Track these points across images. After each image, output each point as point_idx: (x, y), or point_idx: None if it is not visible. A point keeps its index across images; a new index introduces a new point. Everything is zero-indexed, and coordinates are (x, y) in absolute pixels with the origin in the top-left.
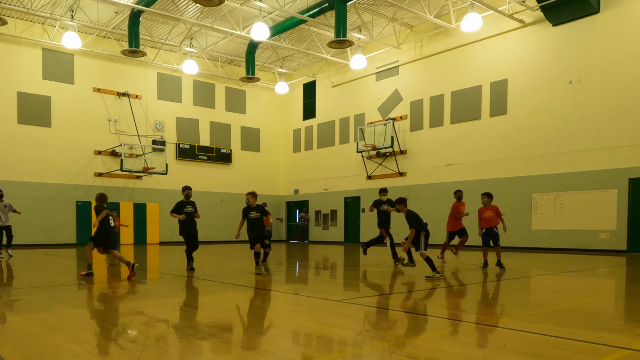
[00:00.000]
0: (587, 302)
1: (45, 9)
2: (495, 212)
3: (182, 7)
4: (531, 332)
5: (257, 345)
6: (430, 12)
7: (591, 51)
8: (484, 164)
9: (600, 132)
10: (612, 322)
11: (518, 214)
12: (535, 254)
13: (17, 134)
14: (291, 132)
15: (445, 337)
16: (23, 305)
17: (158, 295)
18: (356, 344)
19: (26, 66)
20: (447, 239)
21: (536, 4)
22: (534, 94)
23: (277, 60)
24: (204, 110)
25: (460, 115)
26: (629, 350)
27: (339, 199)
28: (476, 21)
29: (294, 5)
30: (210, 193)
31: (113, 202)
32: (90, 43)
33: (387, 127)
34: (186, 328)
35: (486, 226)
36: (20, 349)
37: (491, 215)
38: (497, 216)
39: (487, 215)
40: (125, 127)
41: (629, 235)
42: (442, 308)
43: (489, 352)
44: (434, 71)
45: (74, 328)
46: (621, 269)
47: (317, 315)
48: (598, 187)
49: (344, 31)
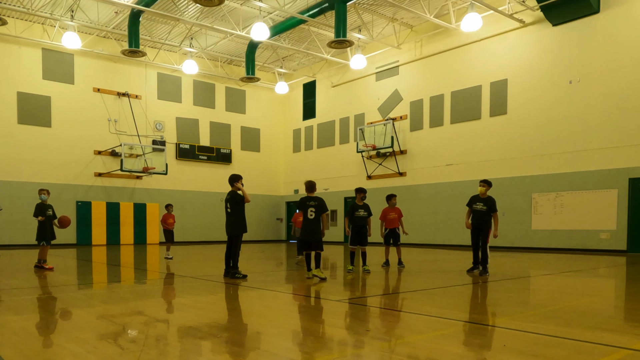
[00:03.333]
0: (587, 302)
1: (45, 9)
2: (398, 214)
3: (182, 7)
4: (531, 332)
5: (257, 345)
6: (430, 12)
7: (591, 51)
8: (484, 164)
9: (600, 132)
10: (612, 322)
11: (518, 214)
12: (535, 254)
13: (17, 134)
14: (291, 132)
15: (445, 337)
16: (23, 305)
17: (158, 295)
18: (356, 344)
19: (26, 66)
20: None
21: (536, 4)
22: (534, 94)
23: (277, 60)
24: (204, 110)
25: (460, 115)
26: (629, 350)
27: (339, 199)
28: (476, 21)
29: (294, 5)
30: (210, 193)
31: (113, 202)
32: (90, 43)
33: (387, 127)
34: (186, 328)
35: (390, 227)
36: (20, 349)
37: (395, 217)
38: (399, 218)
39: (391, 217)
40: (125, 127)
41: (629, 235)
42: (442, 308)
43: (489, 352)
44: (434, 71)
45: (74, 328)
46: (621, 269)
47: (317, 315)
48: (598, 187)
49: (344, 31)
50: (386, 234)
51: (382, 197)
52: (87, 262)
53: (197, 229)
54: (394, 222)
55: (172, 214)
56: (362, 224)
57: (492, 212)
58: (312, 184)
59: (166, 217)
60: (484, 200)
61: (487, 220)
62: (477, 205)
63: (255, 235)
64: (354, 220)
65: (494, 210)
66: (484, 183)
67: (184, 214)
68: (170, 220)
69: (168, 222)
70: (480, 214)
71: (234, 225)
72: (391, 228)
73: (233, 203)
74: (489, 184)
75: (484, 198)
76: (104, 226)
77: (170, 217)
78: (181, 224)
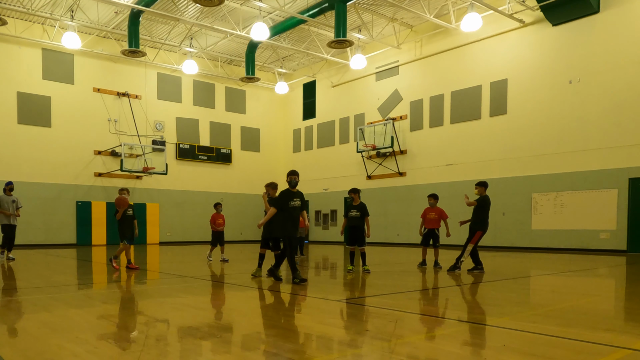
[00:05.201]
0: (587, 302)
1: (45, 9)
2: (439, 215)
3: (182, 7)
4: (531, 332)
5: (257, 345)
6: (430, 12)
7: (591, 51)
8: (484, 164)
9: (600, 132)
10: (612, 322)
11: (518, 214)
12: (535, 254)
13: (17, 134)
14: (291, 132)
15: (445, 337)
16: (23, 305)
17: (158, 295)
18: (356, 344)
19: (26, 66)
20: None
21: (536, 4)
22: (534, 94)
23: (277, 60)
24: (204, 110)
25: (460, 115)
26: (629, 350)
27: (339, 199)
28: (476, 21)
29: (294, 5)
30: (210, 193)
31: (113, 202)
32: (90, 43)
33: (387, 127)
34: (186, 328)
35: (429, 227)
36: (20, 349)
37: (435, 217)
38: (441, 219)
39: (431, 216)
40: (125, 127)
41: (629, 235)
42: (442, 308)
43: (489, 352)
44: (433, 71)
45: (74, 328)
46: (621, 269)
47: (317, 315)
48: (598, 187)
49: (344, 31)
50: (425, 234)
51: (382, 196)
52: (87, 262)
53: (197, 229)
54: (433, 222)
55: (221, 214)
56: (356, 225)
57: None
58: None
59: (215, 217)
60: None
61: (475, 220)
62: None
63: (256, 235)
64: (349, 220)
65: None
66: (479, 186)
67: (183, 214)
68: (220, 220)
69: (217, 222)
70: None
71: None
72: (430, 228)
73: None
74: (484, 185)
75: (477, 198)
76: (104, 226)
77: (220, 217)
78: (181, 224)
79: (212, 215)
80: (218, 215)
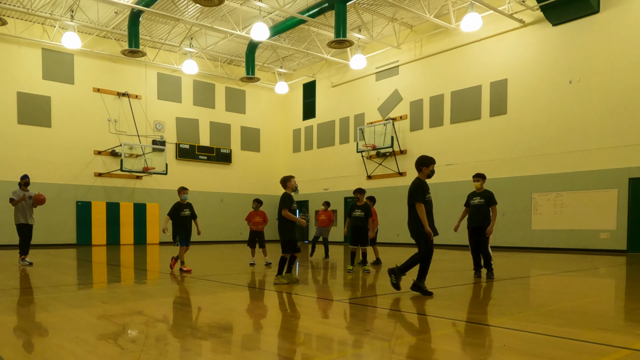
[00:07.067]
0: (587, 302)
1: (45, 9)
2: (263, 218)
3: (182, 7)
4: (531, 332)
5: (257, 345)
6: (430, 12)
7: (591, 51)
8: (484, 164)
9: (600, 132)
10: (612, 322)
11: (518, 214)
12: (535, 254)
13: (17, 134)
14: (291, 132)
15: (445, 337)
16: (23, 305)
17: (158, 295)
18: (356, 344)
19: (26, 66)
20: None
21: (536, 4)
22: (534, 94)
23: (277, 60)
24: (204, 110)
25: (460, 115)
26: (629, 350)
27: (339, 199)
28: (476, 21)
29: (293, 5)
30: (210, 193)
31: (113, 202)
32: (90, 43)
33: (387, 127)
34: (186, 328)
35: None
36: (20, 349)
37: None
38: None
39: (256, 220)
40: (125, 127)
41: (629, 235)
42: (442, 308)
43: (489, 352)
44: (433, 71)
45: (74, 328)
46: (621, 269)
47: (317, 315)
48: (598, 187)
49: (344, 31)
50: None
51: (382, 196)
52: (87, 262)
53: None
54: (259, 224)
55: (260, 211)
56: (359, 225)
57: (490, 205)
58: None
59: (252, 214)
60: (480, 194)
61: (487, 215)
62: (475, 200)
63: None
64: (352, 220)
65: (493, 202)
66: (478, 177)
67: None
68: (258, 218)
69: (254, 221)
70: (479, 209)
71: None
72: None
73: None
74: (483, 177)
75: (480, 192)
76: (104, 226)
77: (258, 215)
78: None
79: (249, 213)
80: (256, 212)
